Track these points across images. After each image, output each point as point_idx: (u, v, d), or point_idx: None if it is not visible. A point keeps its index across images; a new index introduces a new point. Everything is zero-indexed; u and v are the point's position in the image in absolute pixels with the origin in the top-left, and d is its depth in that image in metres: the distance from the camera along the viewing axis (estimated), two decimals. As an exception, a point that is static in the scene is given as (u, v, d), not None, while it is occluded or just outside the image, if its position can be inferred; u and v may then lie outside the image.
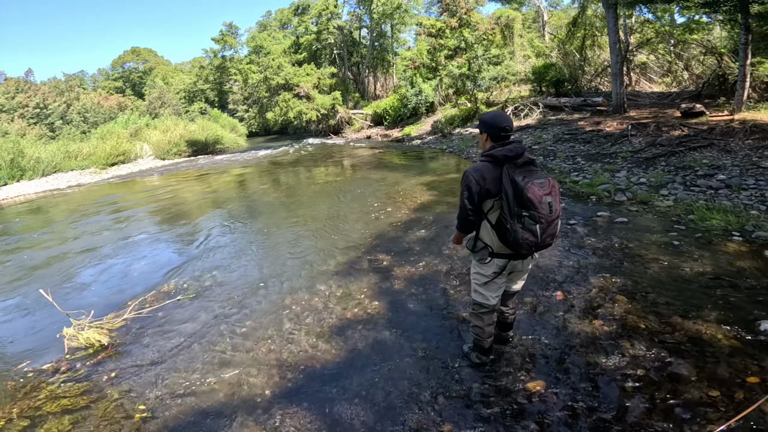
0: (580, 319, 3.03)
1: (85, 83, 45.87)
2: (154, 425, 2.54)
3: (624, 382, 2.37)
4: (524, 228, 2.05)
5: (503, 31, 18.41)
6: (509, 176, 2.07)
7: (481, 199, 2.18)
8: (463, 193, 2.21)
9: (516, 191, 2.04)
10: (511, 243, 2.12)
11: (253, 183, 12.06)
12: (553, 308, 3.21)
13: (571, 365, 2.58)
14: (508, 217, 2.07)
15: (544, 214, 2.04)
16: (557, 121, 12.28)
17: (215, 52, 34.77)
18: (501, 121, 2.21)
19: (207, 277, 4.78)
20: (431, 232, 5.24)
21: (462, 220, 2.29)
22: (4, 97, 29.53)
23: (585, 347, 2.72)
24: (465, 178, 2.20)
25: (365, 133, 22.45)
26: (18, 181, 15.83)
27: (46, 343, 3.73)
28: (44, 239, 7.61)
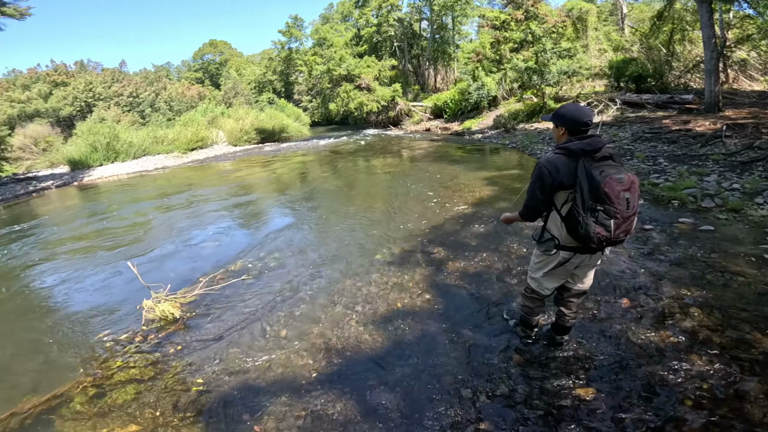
0: (645, 328, 2.88)
1: (170, 74, 50.41)
2: (207, 399, 2.72)
3: (684, 396, 2.25)
4: (597, 222, 2.02)
5: (575, 23, 17.26)
6: (585, 170, 2.04)
7: (553, 190, 2.17)
8: (535, 183, 2.21)
9: (592, 185, 2.01)
10: (582, 236, 2.09)
11: (314, 170, 12.61)
12: (616, 315, 3.07)
13: (628, 375, 2.48)
14: (581, 210, 2.05)
15: (621, 210, 2.00)
16: (637, 118, 11.34)
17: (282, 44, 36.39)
18: (582, 115, 2.15)
19: (270, 258, 5.08)
20: (489, 228, 5.17)
21: (529, 209, 2.30)
22: (102, 86, 33.39)
23: (647, 358, 2.60)
24: (537, 169, 2.19)
25: (424, 125, 22.34)
26: (112, 162, 17.90)
27: (126, 313, 4.05)
28: (131, 215, 8.62)
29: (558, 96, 15.65)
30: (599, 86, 15.72)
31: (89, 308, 4.37)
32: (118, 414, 2.69)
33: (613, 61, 14.78)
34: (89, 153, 17.56)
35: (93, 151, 17.68)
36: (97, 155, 17.64)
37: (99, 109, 30.31)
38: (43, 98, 32.14)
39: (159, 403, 2.74)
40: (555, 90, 15.74)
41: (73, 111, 31.22)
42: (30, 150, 23.06)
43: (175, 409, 2.67)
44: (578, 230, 2.09)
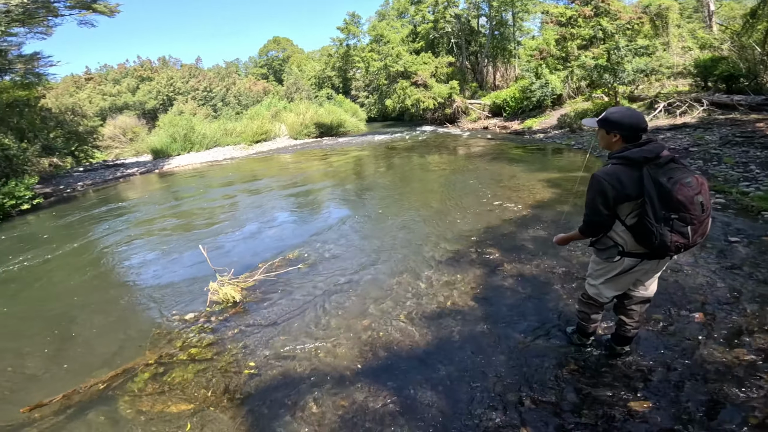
0: (717, 344, 2.68)
1: (239, 70, 53.66)
2: (256, 382, 2.84)
3: (748, 415, 2.08)
4: (673, 231, 1.92)
5: (653, 20, 15.89)
6: (652, 178, 1.93)
7: (617, 203, 2.04)
8: (596, 199, 2.06)
9: (662, 193, 1.90)
10: (657, 247, 1.99)
11: (370, 165, 12.87)
12: (687, 329, 2.87)
13: (691, 390, 2.33)
14: (653, 221, 1.93)
15: (697, 215, 1.90)
16: (727, 121, 10.26)
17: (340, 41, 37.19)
18: (640, 120, 2.04)
19: (326, 249, 5.27)
20: (549, 232, 4.97)
21: (593, 226, 2.16)
22: (180, 81, 36.34)
23: (715, 375, 2.43)
24: (597, 183, 2.04)
25: (482, 123, 21.82)
26: (188, 152, 19.54)
27: (193, 294, 4.30)
28: (203, 202, 9.39)
29: (633, 95, 14.54)
30: (682, 86, 14.39)
31: (163, 286, 4.77)
32: (174, 392, 2.86)
33: (700, 60, 13.45)
34: (169, 143, 19.32)
35: (172, 142, 19.42)
36: (175, 145, 19.35)
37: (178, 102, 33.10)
38: (131, 92, 35.70)
39: (212, 384, 2.90)
40: (630, 89, 14.64)
41: (157, 104, 34.35)
42: (119, 139, 25.82)
43: (226, 390, 2.82)
44: (652, 241, 1.98)
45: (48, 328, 4.08)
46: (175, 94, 35.04)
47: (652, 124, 12.03)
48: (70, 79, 35.54)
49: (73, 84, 34.79)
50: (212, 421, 2.59)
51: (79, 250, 6.68)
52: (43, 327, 4.13)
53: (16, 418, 2.78)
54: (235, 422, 2.56)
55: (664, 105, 12.41)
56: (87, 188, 13.84)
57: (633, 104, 14.13)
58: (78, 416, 2.77)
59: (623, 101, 14.34)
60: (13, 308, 4.77)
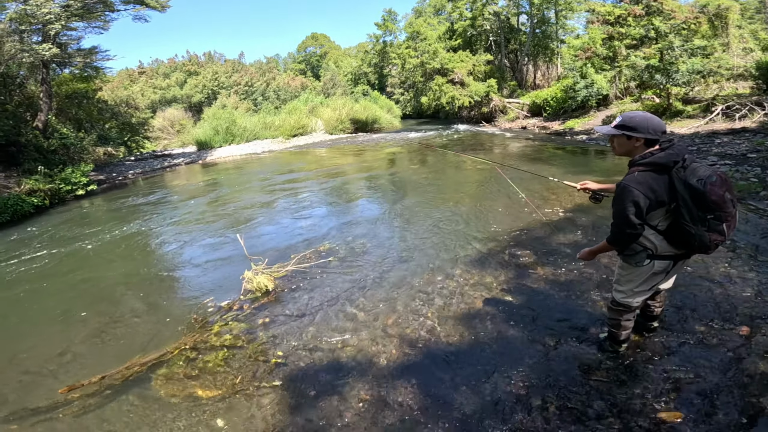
0: (761, 359, 2.51)
1: (278, 65, 55.09)
2: (283, 371, 2.88)
3: None
4: (710, 230, 1.95)
5: (711, 20, 14.88)
6: (683, 181, 1.93)
7: (650, 211, 2.02)
8: (628, 209, 1.99)
9: (695, 196, 1.91)
10: (696, 246, 2.03)
11: (403, 162, 12.89)
12: (729, 342, 2.71)
13: (727, 403, 2.20)
14: (691, 224, 1.96)
15: (730, 211, 1.94)
16: (790, 126, 9.45)
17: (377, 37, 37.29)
18: (661, 124, 2.03)
19: (357, 243, 5.32)
20: (587, 237, 4.79)
21: (624, 236, 2.09)
22: (224, 76, 37.81)
23: (753, 388, 2.29)
24: (627, 193, 1.99)
25: (520, 123, 21.25)
26: (229, 144, 20.35)
27: (229, 282, 4.38)
28: (242, 192, 9.77)
29: (687, 97, 13.69)
30: (742, 88, 13.39)
31: (200, 274, 4.98)
32: (205, 378, 2.93)
33: (762, 62, 12.47)
34: (212, 135, 20.21)
35: (215, 134, 20.30)
36: (218, 137, 20.22)
37: (222, 96, 34.49)
38: (179, 86, 37.55)
39: (241, 371, 2.96)
40: (684, 90, 13.80)
41: (202, 98, 35.97)
42: (167, 131, 27.28)
43: (254, 377, 2.88)
44: (692, 243, 2.01)
45: (94, 310, 4.32)
46: (219, 88, 36.51)
47: (708, 127, 11.27)
48: (125, 72, 37.88)
49: (127, 77, 37.08)
50: (239, 408, 2.67)
51: (127, 235, 7.14)
52: (88, 308, 4.38)
53: (55, 397, 2.90)
54: (260, 410, 2.63)
55: (722, 108, 11.60)
56: (137, 176, 14.74)
57: (688, 106, 13.29)
58: (112, 398, 2.86)
59: (677, 103, 13.52)
60: (64, 288, 5.12)
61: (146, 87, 36.18)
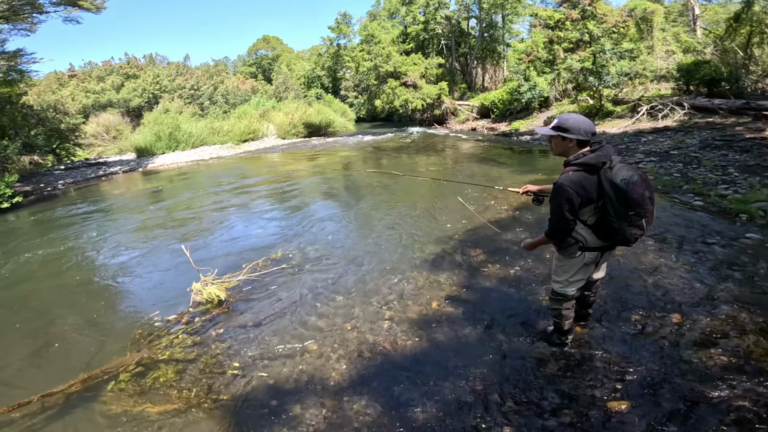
0: (694, 345, 2.73)
1: (227, 68, 53.03)
2: (241, 383, 2.81)
3: (724, 416, 2.13)
4: (631, 225, 2.16)
5: (638, 24, 16.23)
6: (609, 181, 2.13)
7: (581, 208, 2.23)
8: (563, 206, 2.20)
9: (619, 195, 2.11)
10: (619, 241, 2.26)
11: (357, 165, 12.84)
12: (664, 330, 2.93)
13: (668, 390, 2.37)
14: (615, 219, 2.16)
15: (648, 209, 2.15)
16: (707, 124, 10.51)
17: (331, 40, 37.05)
18: (591, 125, 2.22)
19: (311, 249, 5.24)
20: (532, 234, 5.03)
21: (559, 231, 2.32)
22: (167, 79, 35.76)
23: (691, 375, 2.48)
24: (562, 191, 2.18)
25: (470, 125, 21.97)
26: (173, 151, 19.24)
27: (176, 295, 4.22)
28: (187, 201, 9.26)
29: (617, 98, 14.79)
30: (665, 89, 14.70)
31: (144, 288, 4.69)
32: (158, 393, 2.83)
33: (683, 64, 13.76)
34: (154, 141, 18.99)
35: (157, 140, 19.10)
36: (160, 144, 19.04)
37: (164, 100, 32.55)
38: (116, 89, 34.98)
39: (196, 385, 2.87)
40: (614, 92, 14.90)
41: (142, 102, 33.71)
42: (102, 137, 25.25)
43: (210, 390, 2.80)
44: (615, 237, 2.23)
45: (27, 329, 3.99)
46: (161, 92, 34.45)
47: (634, 126, 12.25)
48: (54, 76, 34.66)
49: (56, 81, 33.94)
50: (195, 422, 2.55)
51: (59, 250, 6.52)
52: (22, 328, 4.04)
53: (-5, 417, 2.70)
54: (218, 423, 2.52)
55: (646, 108, 12.66)
56: (68, 187, 13.52)
57: (617, 107, 14.37)
58: (58, 416, 2.73)
59: (608, 104, 14.58)
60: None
61: (77, 91, 33.32)
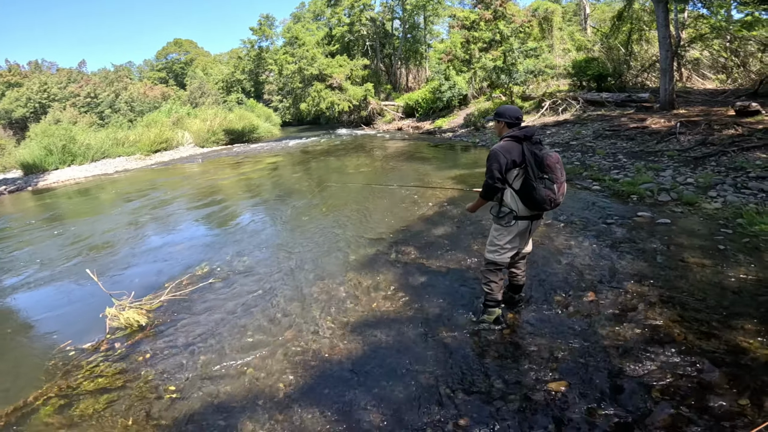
0: (610, 321, 2.96)
1: (132, 74, 48.21)
2: (182, 406, 2.65)
3: (651, 388, 2.31)
4: (546, 187, 2.60)
5: (541, 23, 17.78)
6: (529, 150, 2.63)
7: (507, 169, 2.67)
8: (493, 165, 2.68)
9: (536, 160, 2.62)
10: (537, 201, 2.62)
11: (285, 171, 12.39)
12: (583, 309, 3.15)
13: (597, 368, 2.53)
14: (533, 179, 2.60)
15: (559, 176, 2.63)
16: (598, 117, 11.80)
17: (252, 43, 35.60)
18: (516, 111, 2.84)
19: (238, 261, 4.94)
20: (459, 227, 5.20)
21: (489, 187, 2.75)
22: (56, 87, 31.54)
23: (614, 350, 2.67)
24: (493, 155, 2.69)
25: (396, 125, 22.41)
26: (69, 165, 16.93)
27: (89, 322, 3.86)
28: (91, 221, 8.16)
29: (525, 95, 16.04)
30: (563, 85, 16.23)
31: (49, 318, 4.16)
32: (89, 423, 2.60)
33: (576, 61, 15.29)
34: (44, 156, 16.55)
35: (48, 154, 16.67)
36: (52, 158, 16.65)
37: (54, 110, 28.59)
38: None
39: (131, 412, 2.65)
40: (522, 89, 16.13)
41: (27, 112, 29.38)
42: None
43: (149, 417, 2.59)
44: (534, 196, 2.61)
45: None
46: (50, 100, 30.34)
47: (540, 121, 13.38)
48: None
49: None
50: None
51: None
52: None
53: None
54: None
55: (549, 103, 13.90)
56: (-65, 215, 11.21)
57: (525, 103, 15.60)
58: None
59: (517, 100, 15.76)
60: None
61: (-58, 102, 28.07)
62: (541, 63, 15.86)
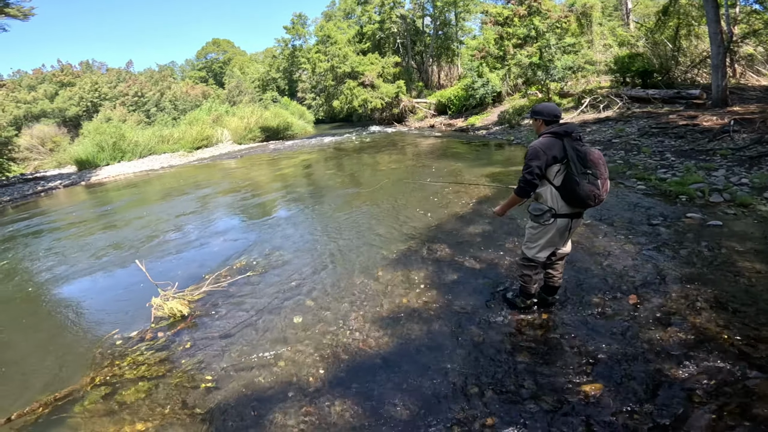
0: (652, 324, 2.88)
1: (174, 73, 50.60)
2: (216, 396, 2.74)
3: (691, 393, 2.24)
4: (590, 183, 2.53)
5: (579, 19, 17.12)
6: (571, 145, 2.58)
7: (547, 165, 2.62)
8: (532, 161, 2.63)
9: (579, 155, 2.56)
10: (580, 197, 2.55)
11: (319, 168, 12.65)
12: (623, 312, 3.07)
13: (635, 371, 2.47)
14: (576, 175, 2.53)
15: (603, 172, 2.57)
16: (643, 114, 11.27)
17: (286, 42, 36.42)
18: (554, 109, 2.80)
19: (275, 255, 5.10)
20: (492, 225, 5.16)
21: (527, 183, 2.68)
22: (107, 86, 33.54)
23: (653, 354, 2.60)
24: (532, 150, 2.65)
25: (428, 122, 22.29)
26: (119, 162, 18.02)
27: (136, 311, 4.07)
28: (139, 214, 8.68)
29: (563, 91, 15.55)
30: (605, 82, 15.61)
31: (99, 307, 4.41)
32: (129, 411, 2.72)
33: (619, 57, 14.66)
34: (96, 153, 17.71)
35: (100, 151, 17.83)
36: (103, 155, 17.79)
37: (105, 108, 30.46)
38: (49, 98, 32.38)
39: (169, 401, 2.77)
40: (560, 85, 15.63)
41: (79, 111, 31.42)
42: (37, 150, 23.30)
43: (185, 406, 2.70)
44: (577, 192, 2.54)
45: None
46: (101, 99, 32.30)
47: (579, 118, 12.93)
48: (-26, 85, 31.51)
49: (-23, 91, 30.88)
50: None
51: (3, 272, 5.93)
52: None
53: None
54: None
55: (589, 100, 13.41)
56: (5, 205, 12.32)
57: (563, 100, 15.11)
58: None
59: (555, 98, 15.29)
60: None
61: (6, 101, 30.55)
62: (580, 59, 15.30)
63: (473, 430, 2.22)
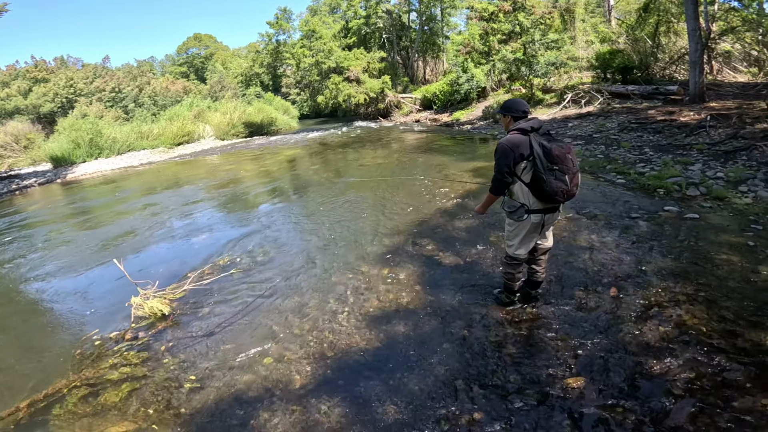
0: (633, 317, 2.92)
1: (154, 69, 49.14)
2: (201, 396, 2.71)
3: (672, 385, 2.28)
4: (556, 179, 2.52)
5: (563, 15, 17.30)
6: (537, 141, 2.57)
7: (515, 162, 2.63)
8: (501, 160, 2.66)
9: (545, 151, 2.54)
10: (548, 193, 2.56)
11: (303, 163, 12.52)
12: (604, 305, 3.10)
13: (617, 364, 2.51)
14: (543, 172, 2.53)
15: (570, 167, 2.55)
16: (623, 109, 11.48)
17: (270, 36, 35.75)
18: (521, 105, 2.82)
19: (258, 252, 5.03)
20: (477, 220, 5.18)
21: (498, 182, 2.74)
22: (82, 82, 32.45)
23: (635, 347, 2.63)
24: (500, 148, 2.67)
25: (414, 117, 22.28)
26: (96, 158, 17.51)
27: (115, 311, 3.99)
28: (117, 211, 8.46)
29: (546, 87, 15.71)
30: (586, 77, 15.84)
31: (78, 307, 4.30)
32: (112, 412, 2.67)
33: (600, 53, 14.89)
34: (72, 149, 17.16)
35: (76, 148, 17.28)
36: (80, 151, 17.25)
37: (81, 105, 29.48)
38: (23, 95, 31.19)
39: (152, 401, 2.72)
40: (543, 81, 15.79)
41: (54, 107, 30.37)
42: (11, 148, 22.36)
43: (169, 406, 2.66)
44: (544, 188, 2.55)
45: None
46: (77, 95, 31.25)
47: (562, 113, 13.10)
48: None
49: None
50: None
51: None
52: None
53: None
54: None
55: (571, 96, 13.59)
56: (-28, 206, 11.82)
57: (547, 95, 15.29)
58: None
59: (538, 93, 15.45)
60: None
61: (-24, 97, 29.28)
62: (563, 55, 15.49)
63: (460, 424, 2.22)
